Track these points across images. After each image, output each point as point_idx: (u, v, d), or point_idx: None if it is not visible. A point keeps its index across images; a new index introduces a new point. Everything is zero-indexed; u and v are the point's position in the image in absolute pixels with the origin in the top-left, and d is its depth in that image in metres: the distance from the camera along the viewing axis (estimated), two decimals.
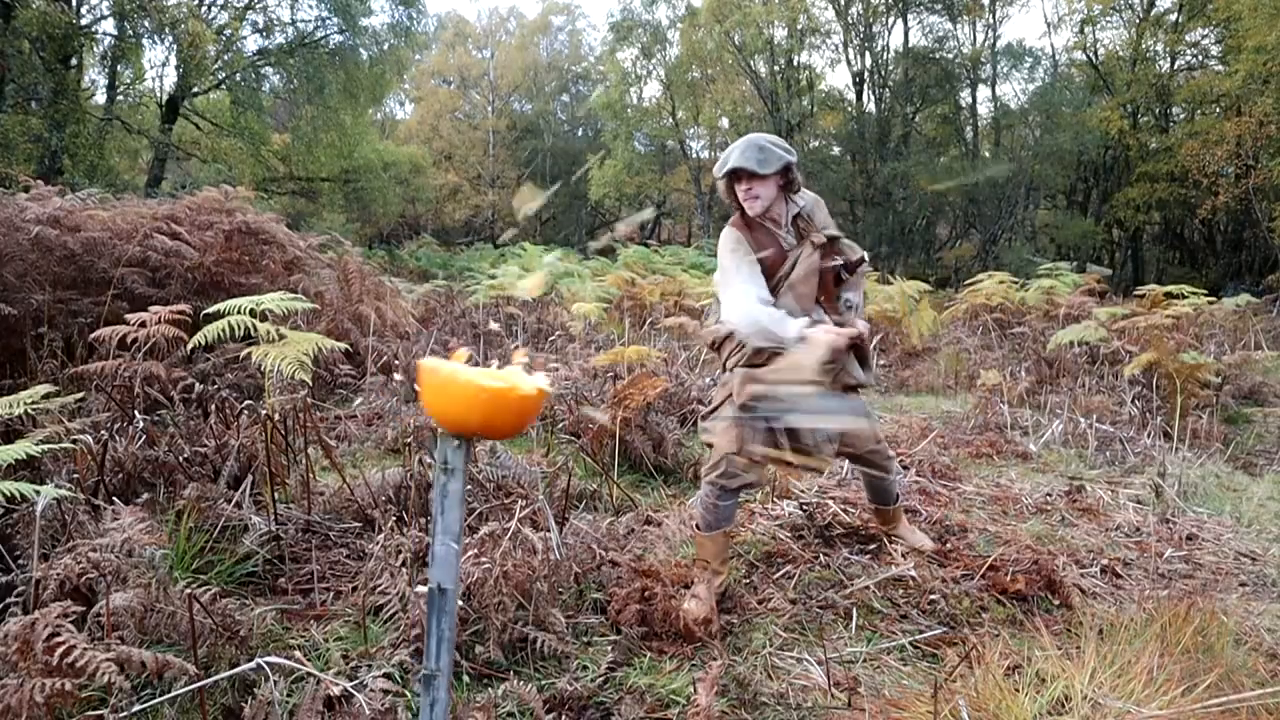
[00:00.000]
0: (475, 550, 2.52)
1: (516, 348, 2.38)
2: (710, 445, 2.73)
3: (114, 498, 2.80)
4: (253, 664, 1.83)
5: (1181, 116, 25.39)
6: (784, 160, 2.57)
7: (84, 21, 16.35)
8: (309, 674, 2.04)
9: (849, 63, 28.47)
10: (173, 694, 1.92)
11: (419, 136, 35.45)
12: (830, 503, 3.62)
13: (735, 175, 2.59)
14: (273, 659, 1.89)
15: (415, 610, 2.29)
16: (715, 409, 2.76)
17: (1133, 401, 5.88)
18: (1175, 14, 23.64)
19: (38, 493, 2.09)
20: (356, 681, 2.06)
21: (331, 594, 2.63)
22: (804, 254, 2.66)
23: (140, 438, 3.26)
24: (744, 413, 2.61)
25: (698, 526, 2.72)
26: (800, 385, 2.50)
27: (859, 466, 3.07)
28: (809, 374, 2.47)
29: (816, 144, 30.32)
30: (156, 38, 17.86)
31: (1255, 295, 13.47)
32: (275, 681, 1.91)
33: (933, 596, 2.85)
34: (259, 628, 2.29)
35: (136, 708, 1.91)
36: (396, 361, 5.87)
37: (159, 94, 19.96)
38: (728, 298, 2.62)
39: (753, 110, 28.08)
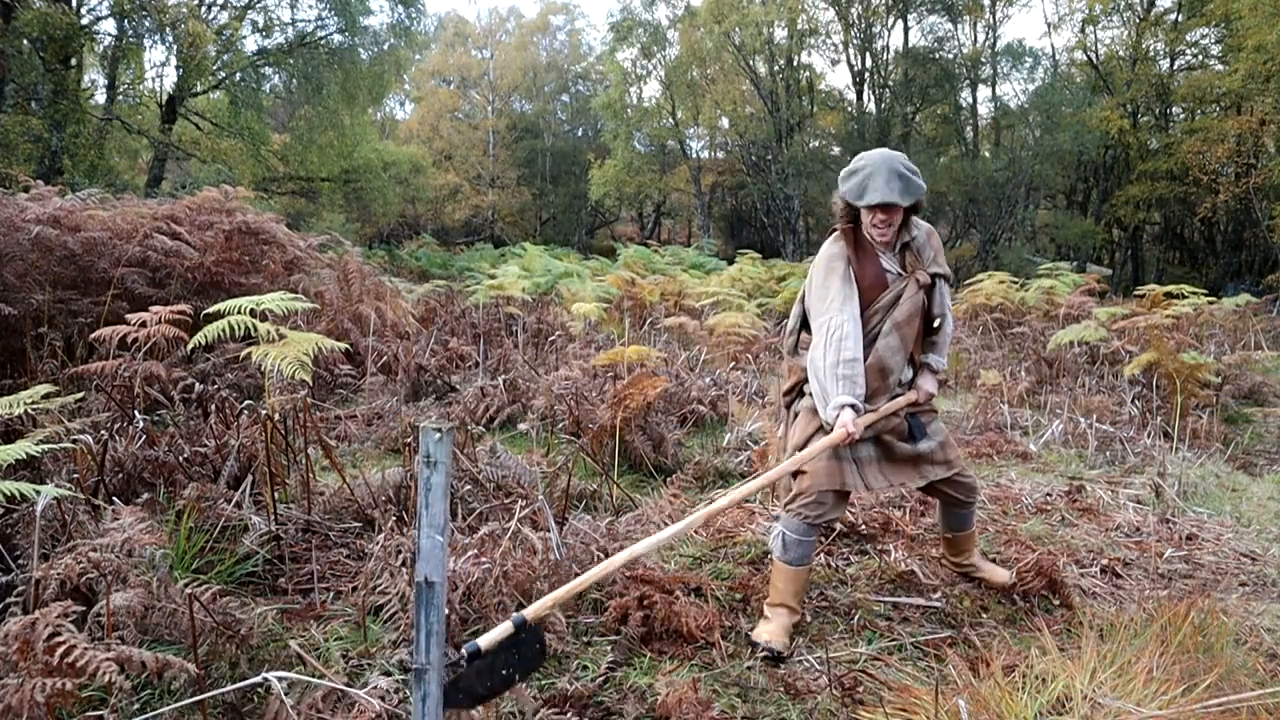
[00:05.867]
0: (475, 550, 2.52)
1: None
2: (798, 474, 2.55)
3: (114, 498, 2.80)
4: (259, 678, 1.83)
5: (1181, 116, 25.38)
6: (922, 191, 2.43)
7: (84, 21, 16.33)
8: (312, 675, 2.04)
9: (849, 63, 28.47)
10: (180, 704, 1.92)
11: (419, 136, 35.41)
12: None
13: (873, 207, 2.41)
14: (280, 673, 1.89)
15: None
16: (808, 439, 2.57)
17: (1133, 401, 5.88)
18: (1175, 13, 23.63)
19: (38, 493, 2.09)
20: (359, 681, 2.06)
21: (331, 594, 2.63)
22: (908, 291, 2.51)
23: (140, 438, 3.26)
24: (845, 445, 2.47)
25: (784, 561, 2.54)
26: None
27: (938, 493, 2.78)
28: (806, 459, 2.44)
29: (816, 144, 30.28)
30: (156, 38, 17.85)
31: (1255, 295, 13.48)
32: (279, 679, 1.91)
33: (934, 596, 2.85)
34: (259, 627, 2.29)
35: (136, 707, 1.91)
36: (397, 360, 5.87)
37: (159, 94, 19.95)
38: (821, 327, 2.47)
39: (753, 110, 28.00)
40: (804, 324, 2.69)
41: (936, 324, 2.63)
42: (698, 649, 2.44)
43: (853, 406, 2.41)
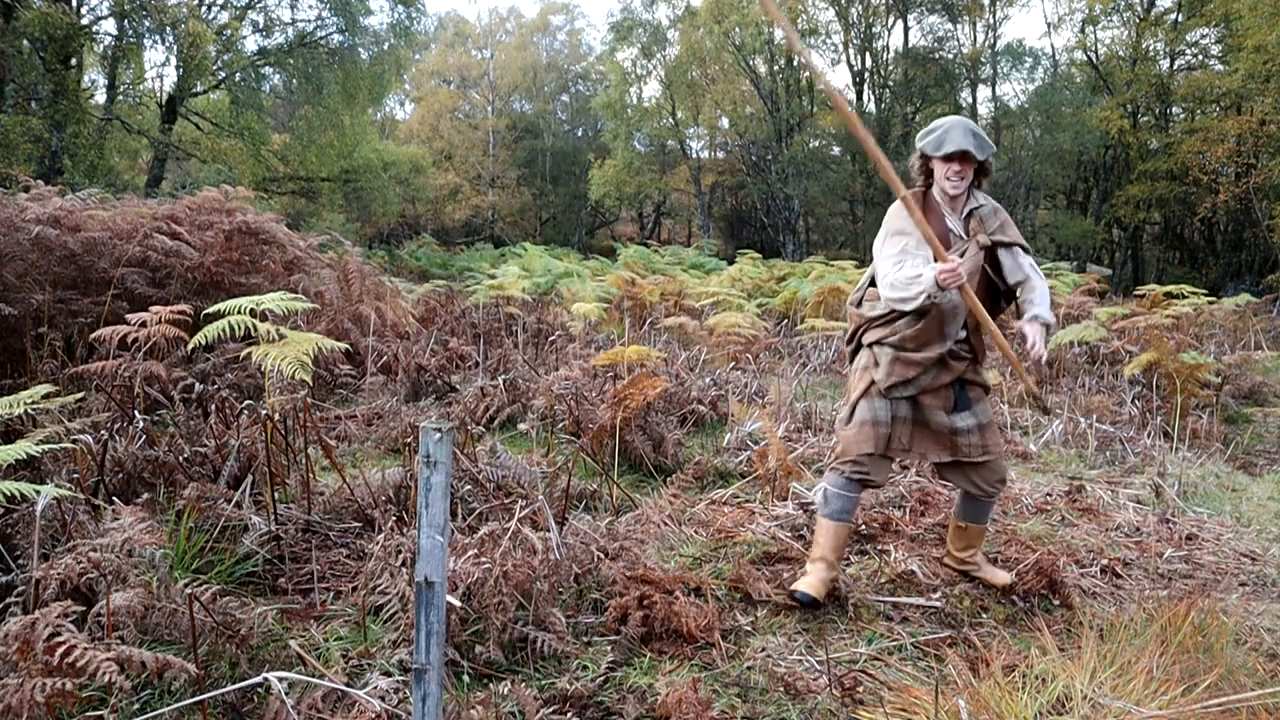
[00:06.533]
0: (475, 550, 2.52)
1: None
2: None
3: (114, 498, 2.80)
4: (259, 678, 1.83)
5: (1181, 116, 25.39)
6: (992, 149, 2.60)
7: (84, 21, 16.32)
8: (312, 675, 2.04)
9: (849, 63, 28.48)
10: (180, 704, 1.92)
11: (419, 136, 35.41)
12: None
13: (950, 156, 2.56)
14: (280, 673, 1.89)
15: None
16: (860, 397, 2.69)
17: (1133, 401, 5.88)
18: (1175, 13, 23.63)
19: (38, 493, 2.09)
20: (359, 681, 2.06)
21: (331, 594, 2.63)
22: (970, 251, 2.65)
23: (140, 438, 3.26)
24: (891, 393, 2.63)
25: (825, 515, 2.70)
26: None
27: (963, 478, 2.77)
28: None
29: (816, 144, 30.28)
30: (156, 38, 17.84)
31: (1255, 295, 13.48)
32: (279, 680, 1.91)
33: (934, 596, 2.85)
34: (259, 627, 2.29)
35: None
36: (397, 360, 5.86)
37: (159, 94, 19.95)
38: (884, 262, 2.61)
39: (753, 110, 28.03)
40: (872, 281, 2.80)
41: (1017, 291, 2.71)
42: (698, 649, 2.44)
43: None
